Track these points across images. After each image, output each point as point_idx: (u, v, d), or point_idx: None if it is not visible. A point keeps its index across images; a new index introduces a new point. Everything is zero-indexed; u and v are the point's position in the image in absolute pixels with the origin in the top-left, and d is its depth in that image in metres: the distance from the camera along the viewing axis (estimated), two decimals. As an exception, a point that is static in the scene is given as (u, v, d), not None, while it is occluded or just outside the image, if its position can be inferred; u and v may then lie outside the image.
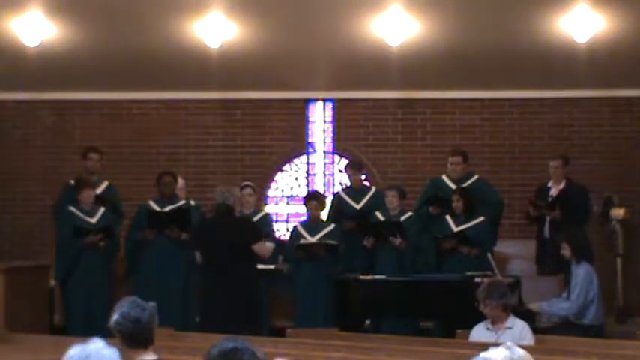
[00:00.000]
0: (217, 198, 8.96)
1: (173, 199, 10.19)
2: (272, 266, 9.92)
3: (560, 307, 8.64)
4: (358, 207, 10.53)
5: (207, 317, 8.71)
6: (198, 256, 9.03)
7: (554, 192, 10.34)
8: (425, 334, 9.11)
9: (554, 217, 10.10)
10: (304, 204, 10.42)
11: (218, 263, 8.69)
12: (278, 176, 12.58)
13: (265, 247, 8.99)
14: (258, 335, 7.72)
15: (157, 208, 10.14)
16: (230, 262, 8.64)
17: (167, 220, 9.95)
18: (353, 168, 10.78)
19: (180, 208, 10.08)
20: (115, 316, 4.53)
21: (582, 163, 11.98)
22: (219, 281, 8.64)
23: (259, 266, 9.27)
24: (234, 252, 8.67)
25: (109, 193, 10.54)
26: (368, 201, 10.55)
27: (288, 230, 11.64)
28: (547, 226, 10.22)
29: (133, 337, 4.50)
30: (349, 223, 10.37)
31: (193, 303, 9.86)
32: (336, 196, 11.10)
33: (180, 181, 10.52)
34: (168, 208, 10.12)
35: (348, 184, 10.94)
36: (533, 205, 10.27)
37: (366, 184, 11.45)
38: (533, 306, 8.65)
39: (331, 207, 10.77)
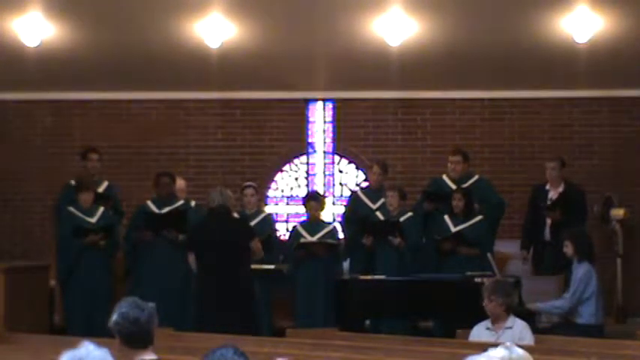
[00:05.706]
0: (215, 200, 8.91)
1: (171, 199, 10.17)
2: (272, 266, 9.91)
3: (553, 304, 8.66)
4: (374, 207, 10.39)
5: (206, 319, 8.65)
6: (191, 258, 8.93)
7: (553, 194, 10.30)
8: (425, 334, 9.11)
9: (554, 219, 10.09)
10: (304, 204, 10.41)
11: (217, 264, 8.65)
12: (278, 176, 12.57)
13: (259, 244, 8.98)
14: (257, 335, 7.74)
15: (155, 209, 10.12)
16: (230, 263, 8.62)
17: (164, 221, 9.94)
18: (382, 168, 10.55)
19: (177, 209, 10.06)
20: (114, 317, 4.57)
21: (582, 163, 11.98)
22: (219, 282, 8.61)
23: (260, 266, 9.26)
24: (234, 253, 8.66)
25: (110, 193, 10.54)
26: (384, 203, 10.38)
27: (288, 230, 11.63)
28: (547, 228, 10.21)
29: (132, 338, 4.53)
30: (356, 227, 10.31)
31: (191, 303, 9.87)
32: (353, 194, 10.99)
33: (181, 182, 10.50)
34: (164, 210, 10.10)
35: (367, 182, 10.80)
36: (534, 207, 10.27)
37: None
38: (531, 306, 8.66)
39: (348, 206, 10.73)
